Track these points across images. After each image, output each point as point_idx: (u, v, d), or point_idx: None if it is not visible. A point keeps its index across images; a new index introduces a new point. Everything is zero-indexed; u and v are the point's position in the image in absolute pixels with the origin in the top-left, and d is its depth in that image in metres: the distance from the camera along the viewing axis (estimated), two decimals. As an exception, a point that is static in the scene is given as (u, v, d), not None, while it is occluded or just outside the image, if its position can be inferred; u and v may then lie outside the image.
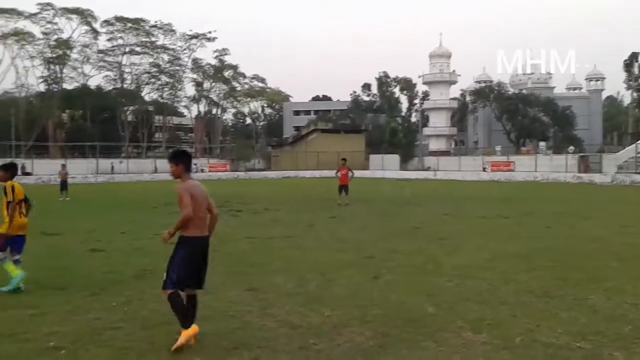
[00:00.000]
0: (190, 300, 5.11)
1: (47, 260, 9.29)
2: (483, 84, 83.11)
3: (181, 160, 5.46)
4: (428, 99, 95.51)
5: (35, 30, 69.17)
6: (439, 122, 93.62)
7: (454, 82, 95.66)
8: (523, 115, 75.14)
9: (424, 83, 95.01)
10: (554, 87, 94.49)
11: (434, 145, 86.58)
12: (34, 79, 72.98)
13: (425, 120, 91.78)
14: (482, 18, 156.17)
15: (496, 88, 79.41)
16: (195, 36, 79.11)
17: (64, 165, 28.90)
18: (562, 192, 29.61)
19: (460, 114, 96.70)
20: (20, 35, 67.76)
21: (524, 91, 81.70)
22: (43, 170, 52.74)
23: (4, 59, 68.26)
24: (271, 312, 6.02)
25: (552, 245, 10.62)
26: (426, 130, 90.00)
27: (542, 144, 66.25)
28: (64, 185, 25.56)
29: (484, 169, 52.46)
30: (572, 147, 54.52)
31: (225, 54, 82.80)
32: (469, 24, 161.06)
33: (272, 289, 7.12)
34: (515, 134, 76.69)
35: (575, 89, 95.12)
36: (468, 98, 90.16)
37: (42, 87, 74.94)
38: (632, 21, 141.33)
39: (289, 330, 5.38)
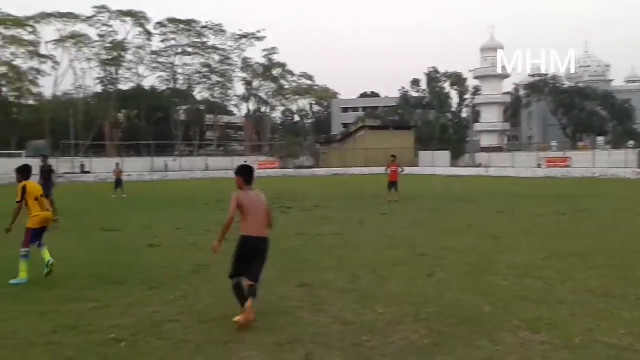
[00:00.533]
0: (250, 288, 5.60)
1: (107, 256, 9.63)
2: (537, 78, 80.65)
3: (241, 173, 6.22)
4: (479, 94, 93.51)
5: (92, 33, 71.95)
6: (491, 118, 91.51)
7: (507, 76, 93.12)
8: (580, 109, 72.60)
9: (475, 78, 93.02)
10: (612, 80, 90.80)
11: (486, 141, 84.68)
12: (91, 81, 75.94)
13: (476, 116, 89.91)
14: (536, 9, 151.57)
15: (551, 82, 76.98)
16: (245, 36, 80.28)
17: (118, 164, 30.32)
18: (621, 188, 28.41)
19: (513, 109, 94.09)
20: (78, 38, 70.55)
21: (581, 84, 78.84)
22: (101, 168, 54.82)
23: (62, 62, 71.25)
24: (323, 308, 6.03)
25: (611, 243, 10.22)
26: (477, 126, 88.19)
27: (600, 138, 63.72)
28: (118, 182, 26.63)
29: (539, 166, 50.95)
30: (631, 142, 52.28)
31: (274, 53, 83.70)
32: (522, 16, 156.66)
33: (324, 285, 7.13)
34: (572, 128, 74.18)
35: (635, 81, 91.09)
36: (522, 92, 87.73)
37: (99, 88, 77.87)
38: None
39: (341, 327, 5.38)
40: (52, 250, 10.20)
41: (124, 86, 79.34)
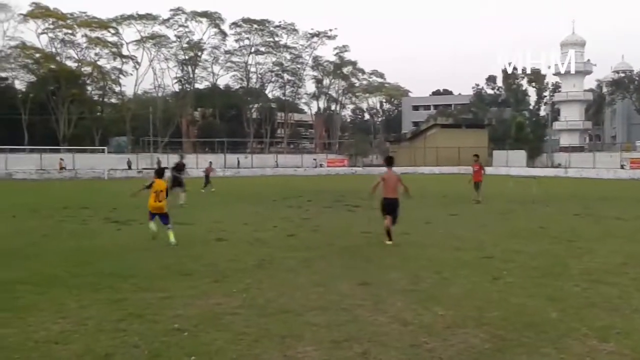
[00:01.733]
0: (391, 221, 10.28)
1: (178, 248, 10.02)
2: (622, 74, 76.21)
3: (385, 161, 11.58)
4: (559, 91, 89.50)
5: (169, 34, 74.97)
6: (572, 116, 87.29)
7: (589, 73, 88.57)
8: (670, 107, 68.00)
9: (555, 74, 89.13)
10: None
11: (566, 140, 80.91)
12: (169, 80, 79.34)
13: (555, 114, 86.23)
14: (620, 1, 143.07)
15: (637, 78, 72.55)
16: (317, 34, 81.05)
17: (211, 162, 32.11)
18: None
19: (595, 107, 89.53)
20: (157, 39, 73.69)
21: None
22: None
23: (142, 62, 74.68)
24: (383, 307, 6.00)
25: (700, 252, 9.49)
26: (557, 125, 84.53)
27: (692, 138, 59.47)
28: (207, 178, 28.06)
29: (623, 166, 48.15)
30: None
31: (345, 51, 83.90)
32: (605, 8, 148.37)
33: (386, 284, 7.09)
34: (660, 128, 69.56)
35: None
36: (605, 89, 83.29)
37: (176, 87, 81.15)
38: None
39: (400, 327, 5.33)
40: (130, 242, 10.79)
41: (199, 85, 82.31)
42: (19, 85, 72.07)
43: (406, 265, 8.32)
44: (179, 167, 20.06)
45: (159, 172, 11.11)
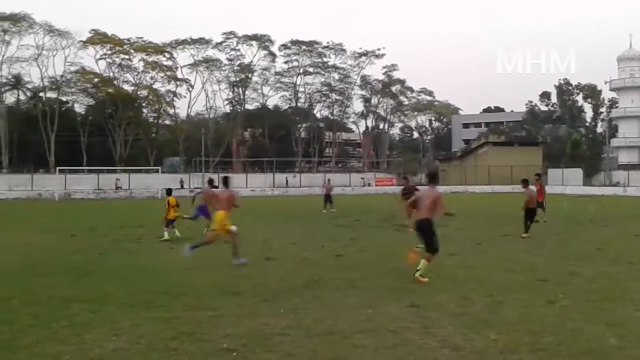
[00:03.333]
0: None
1: (227, 267, 10.18)
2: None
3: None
4: (617, 107, 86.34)
5: (221, 57, 77.01)
6: (630, 132, 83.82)
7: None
8: None
9: (612, 89, 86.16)
10: None
11: (624, 157, 77.70)
12: (221, 101, 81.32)
13: (613, 131, 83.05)
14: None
15: (703, 91, 69.20)
16: (365, 54, 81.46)
17: (329, 180, 32.00)
18: None
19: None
20: (210, 63, 75.84)
21: None
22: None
23: (195, 84, 76.92)
24: (433, 331, 5.89)
25: None
26: (614, 142, 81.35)
27: None
28: (327, 198, 27.52)
29: (687, 185, 45.87)
30: None
31: (394, 70, 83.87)
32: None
33: (435, 307, 6.96)
34: None
35: None
36: (666, 104, 79.76)
37: (227, 108, 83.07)
38: None
39: (450, 352, 5.21)
40: (181, 260, 11.03)
41: (249, 106, 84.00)
42: (79, 108, 75.78)
43: (456, 288, 8.15)
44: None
45: (169, 192, 16.81)
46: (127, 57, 73.21)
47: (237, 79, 79.06)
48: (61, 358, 5.11)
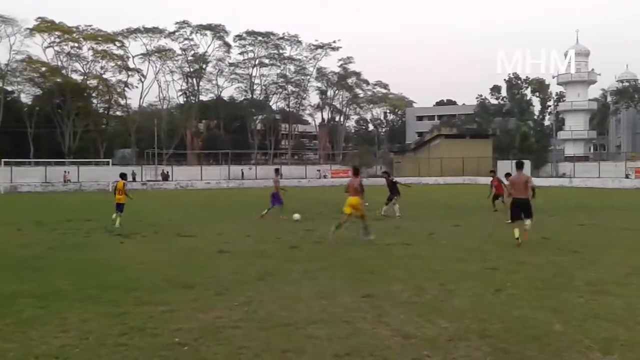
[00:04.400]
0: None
1: (180, 260, 10.03)
2: (626, 83, 76.17)
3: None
4: (564, 101, 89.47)
5: (174, 47, 75.55)
6: (576, 125, 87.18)
7: (593, 82, 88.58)
8: (675, 116, 67.81)
9: (559, 84, 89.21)
10: None
11: (570, 150, 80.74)
12: (174, 92, 79.82)
13: (560, 124, 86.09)
14: (624, 10, 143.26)
15: (642, 87, 72.50)
16: (321, 46, 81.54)
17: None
18: None
19: (600, 116, 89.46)
20: (163, 52, 74.26)
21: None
22: (181, 176, 57.08)
23: (148, 75, 75.24)
24: (386, 320, 5.96)
25: None
26: (561, 134, 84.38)
27: (697, 147, 59.23)
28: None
29: (627, 176, 47.99)
30: None
31: (350, 62, 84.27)
32: (609, 18, 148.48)
33: (389, 296, 7.05)
34: (666, 136, 69.32)
35: None
36: (609, 98, 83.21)
37: (181, 99, 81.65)
38: None
39: (402, 340, 5.29)
40: (132, 254, 10.80)
41: (204, 97, 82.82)
42: (25, 98, 72.87)
43: (409, 277, 8.27)
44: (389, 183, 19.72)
45: (123, 176, 17.22)
46: (76, 45, 70.82)
47: (191, 69, 77.77)
48: (6, 356, 4.92)
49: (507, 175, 18.37)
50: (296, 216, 15.26)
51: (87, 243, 12.66)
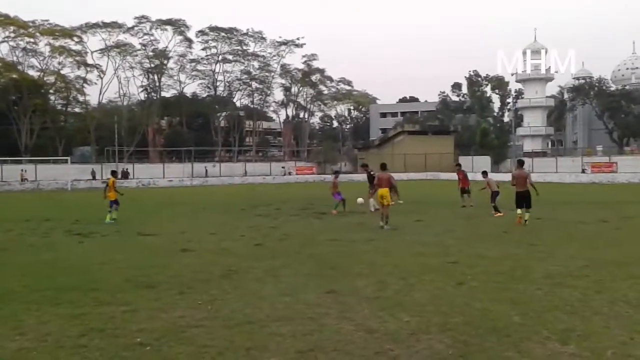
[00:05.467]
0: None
1: (142, 260, 9.86)
2: (582, 81, 78.50)
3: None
4: (522, 98, 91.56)
5: (134, 42, 74.00)
6: (534, 122, 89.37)
7: (550, 79, 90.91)
8: (627, 112, 70.42)
9: (518, 81, 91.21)
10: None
11: (529, 146, 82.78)
12: (135, 88, 78.21)
13: (519, 120, 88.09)
14: (579, 10, 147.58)
15: (597, 84, 74.90)
16: (285, 43, 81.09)
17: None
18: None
19: (557, 113, 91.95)
20: (122, 47, 72.63)
21: (628, 87, 76.28)
22: (143, 174, 56.06)
23: (107, 70, 73.50)
24: (349, 315, 6.00)
25: (656, 253, 9.79)
26: (520, 131, 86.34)
27: (648, 143, 61.52)
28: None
29: (584, 171, 49.54)
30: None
31: (314, 59, 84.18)
32: (565, 17, 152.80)
33: (352, 292, 7.10)
34: (618, 132, 71.97)
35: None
36: (566, 95, 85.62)
37: (142, 96, 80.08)
38: None
39: (365, 335, 5.33)
40: (92, 254, 10.57)
41: (166, 93, 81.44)
42: (-22, 95, 70.07)
43: (372, 272, 8.35)
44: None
45: (114, 173, 18.29)
46: (32, 40, 68.46)
47: (152, 65, 76.31)
48: (-43, 362, 4.76)
49: (484, 173, 20.35)
50: (360, 200, 18.11)
51: (45, 243, 12.32)
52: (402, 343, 5.08)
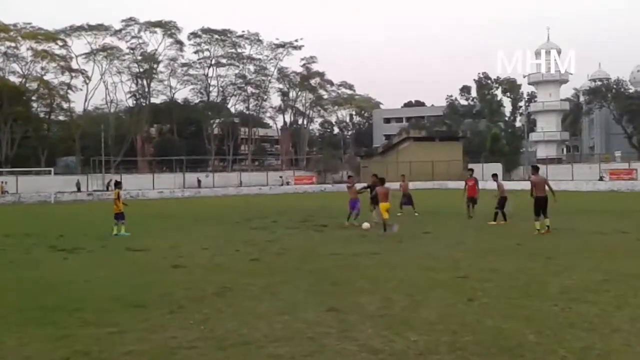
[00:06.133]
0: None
1: (130, 277, 9.84)
2: (599, 82, 78.72)
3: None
4: (535, 101, 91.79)
5: (122, 45, 74.32)
6: (548, 127, 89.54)
7: (565, 81, 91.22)
8: (647, 116, 70.36)
9: (530, 83, 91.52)
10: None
11: (543, 152, 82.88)
12: (123, 94, 78.43)
13: (532, 125, 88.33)
14: (594, 8, 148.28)
15: (614, 86, 75.11)
16: (282, 45, 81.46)
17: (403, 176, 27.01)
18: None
19: (572, 117, 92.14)
20: (108, 51, 72.91)
21: (647, 89, 76.49)
22: (131, 185, 56.01)
23: (93, 76, 73.75)
24: (352, 334, 5.97)
25: (680, 265, 9.77)
26: (533, 136, 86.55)
27: (670, 148, 61.58)
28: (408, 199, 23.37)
29: (601, 178, 49.54)
30: None
31: (313, 62, 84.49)
32: (580, 15, 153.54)
33: (355, 309, 7.07)
34: (638, 137, 71.87)
35: None
36: (582, 98, 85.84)
37: (130, 102, 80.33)
38: None
39: (369, 356, 5.31)
40: (77, 271, 10.55)
41: (156, 99, 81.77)
42: (-44, 102, 70.30)
43: (377, 288, 8.33)
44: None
45: (117, 184, 18.35)
46: (13, 44, 68.93)
47: (141, 69, 76.66)
48: None
49: (495, 175, 20.99)
50: (365, 225, 16.82)
51: (27, 260, 12.31)
52: (408, 364, 5.06)
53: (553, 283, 8.49)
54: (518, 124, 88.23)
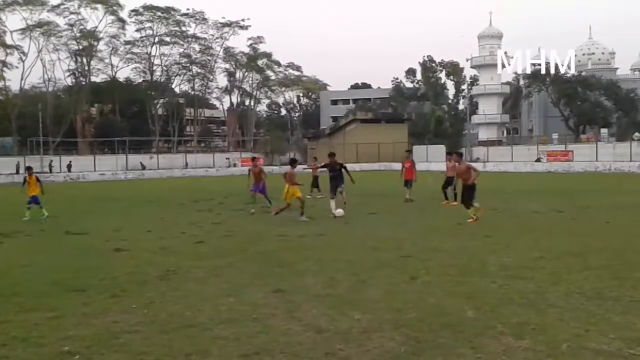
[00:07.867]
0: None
1: (70, 261, 9.58)
2: (538, 67, 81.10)
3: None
4: (477, 84, 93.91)
5: (60, 22, 71.28)
6: (489, 109, 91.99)
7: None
8: (583, 99, 73.17)
9: (473, 67, 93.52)
10: (617, 69, 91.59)
11: (484, 134, 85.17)
12: (61, 73, 75.44)
13: (474, 108, 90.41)
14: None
15: (553, 71, 77.34)
16: (228, 24, 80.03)
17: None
18: (625, 183, 28.66)
19: (512, 100, 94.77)
20: (45, 27, 69.78)
21: (584, 73, 79.35)
22: (71, 166, 54.27)
23: (30, 53, 70.59)
24: (297, 315, 6.02)
25: (610, 242, 10.27)
26: (475, 118, 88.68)
27: (604, 130, 64.30)
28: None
29: (539, 159, 51.30)
30: (637, 134, 52.72)
31: (260, 42, 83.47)
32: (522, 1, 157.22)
33: (301, 290, 7.12)
34: (574, 120, 74.77)
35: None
36: (522, 82, 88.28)
37: (69, 81, 77.42)
38: None
39: (314, 335, 5.36)
40: (14, 256, 10.18)
41: (96, 78, 79.07)
42: None
43: (322, 269, 8.40)
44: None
45: (28, 169, 18.51)
46: (-60, 18, 65.13)
47: (80, 47, 73.82)
48: None
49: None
50: (339, 212, 15.49)
51: (-41, 245, 11.78)
52: (352, 342, 5.14)
53: (492, 261, 8.77)
54: (461, 106, 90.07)
